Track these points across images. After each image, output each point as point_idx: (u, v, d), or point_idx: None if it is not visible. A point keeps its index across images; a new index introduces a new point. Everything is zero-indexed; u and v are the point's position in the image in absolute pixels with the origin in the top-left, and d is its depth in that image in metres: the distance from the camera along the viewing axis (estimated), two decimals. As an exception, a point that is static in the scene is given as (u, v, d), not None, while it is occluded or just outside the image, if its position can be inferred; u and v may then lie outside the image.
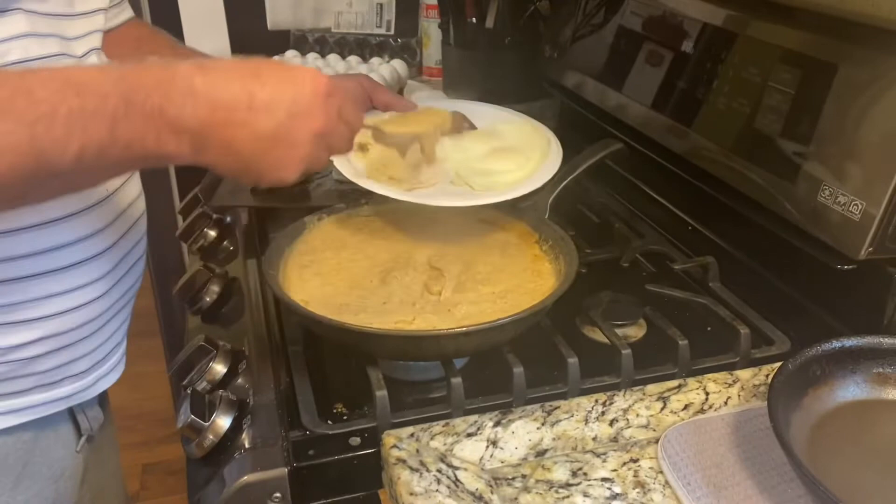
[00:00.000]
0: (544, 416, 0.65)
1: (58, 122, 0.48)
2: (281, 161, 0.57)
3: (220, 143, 0.54)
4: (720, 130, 0.90)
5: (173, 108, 0.51)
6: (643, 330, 0.81)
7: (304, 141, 0.57)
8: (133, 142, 0.51)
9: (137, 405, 2.13)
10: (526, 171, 0.87)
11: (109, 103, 0.49)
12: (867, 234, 0.70)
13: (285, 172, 0.58)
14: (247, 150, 0.55)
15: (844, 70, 0.75)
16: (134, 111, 0.50)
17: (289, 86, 0.56)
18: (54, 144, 0.48)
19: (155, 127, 0.51)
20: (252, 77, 0.55)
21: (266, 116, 0.54)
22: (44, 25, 0.65)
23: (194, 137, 0.53)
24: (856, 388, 0.63)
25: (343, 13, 1.58)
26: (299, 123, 0.56)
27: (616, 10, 1.15)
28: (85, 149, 0.49)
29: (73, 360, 0.72)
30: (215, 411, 0.69)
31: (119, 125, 0.50)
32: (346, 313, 0.72)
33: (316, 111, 0.57)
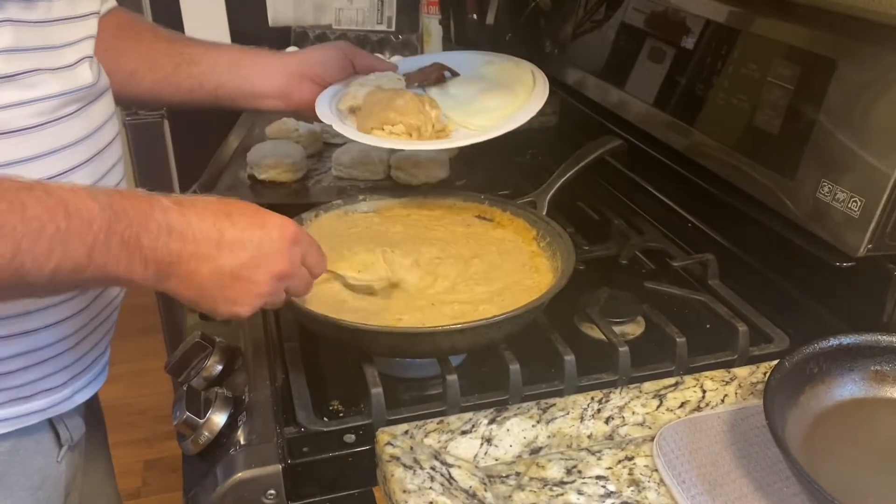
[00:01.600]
0: (539, 414, 0.65)
1: (43, 240, 0.51)
2: (238, 297, 0.61)
3: (184, 274, 0.58)
4: (720, 127, 0.90)
5: (149, 239, 0.56)
6: (641, 327, 0.80)
7: (263, 282, 0.61)
8: (106, 266, 0.54)
9: (140, 401, 2.14)
10: (517, 104, 0.88)
11: (93, 228, 0.53)
12: (866, 230, 0.70)
13: (240, 308, 0.61)
14: (206, 283, 0.59)
15: (844, 66, 0.74)
16: (113, 239, 0.54)
17: (257, 230, 0.60)
18: (34, 261, 0.51)
19: (128, 255, 0.55)
20: (224, 216, 0.59)
21: (230, 255, 0.59)
22: (32, 37, 0.64)
23: (161, 267, 0.57)
24: (853, 385, 0.62)
25: (344, 10, 1.58)
26: (261, 266, 0.60)
27: (617, 7, 1.14)
28: (61, 267, 0.52)
29: (50, 374, 0.71)
30: (211, 408, 0.69)
31: (97, 250, 0.53)
32: (343, 311, 0.72)
33: (279, 256, 0.61)
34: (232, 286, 0.60)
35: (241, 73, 0.89)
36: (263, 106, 0.92)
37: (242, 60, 0.90)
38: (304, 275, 0.66)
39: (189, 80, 0.88)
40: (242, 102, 0.91)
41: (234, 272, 0.59)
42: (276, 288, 0.63)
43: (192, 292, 0.59)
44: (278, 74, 0.90)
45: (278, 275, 0.62)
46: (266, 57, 0.92)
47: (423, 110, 0.84)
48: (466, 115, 0.87)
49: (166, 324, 1.89)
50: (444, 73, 0.94)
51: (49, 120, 0.66)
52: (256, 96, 0.90)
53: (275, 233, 0.61)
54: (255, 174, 1.09)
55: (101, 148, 0.72)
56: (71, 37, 0.69)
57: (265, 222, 0.61)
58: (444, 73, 0.94)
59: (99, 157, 0.72)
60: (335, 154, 1.12)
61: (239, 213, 0.60)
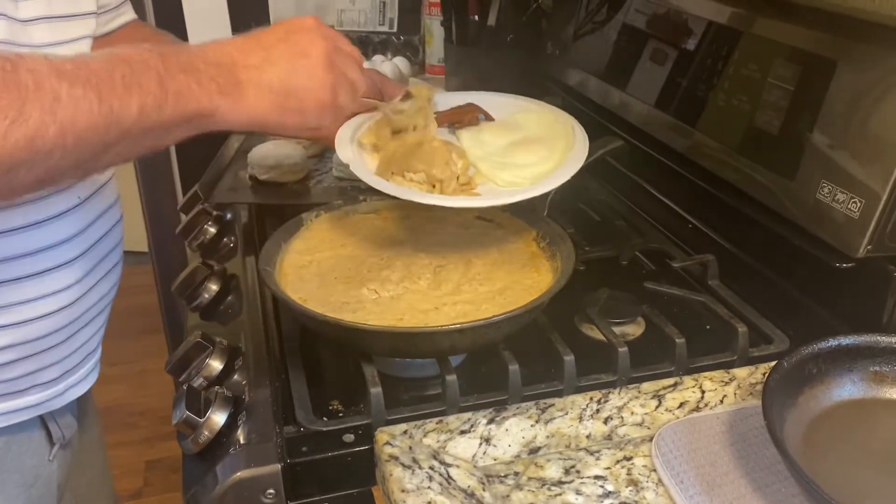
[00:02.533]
0: (538, 414, 0.65)
1: (117, 83, 0.54)
2: (308, 75, 0.63)
3: (257, 63, 0.62)
4: (721, 128, 0.90)
5: (204, 57, 0.60)
6: (641, 328, 0.80)
7: (313, 51, 0.64)
8: (181, 92, 0.57)
9: (141, 402, 2.14)
10: (551, 164, 0.81)
11: (151, 65, 0.56)
12: (866, 231, 0.70)
13: (321, 91, 0.64)
14: (268, 73, 0.62)
15: (844, 67, 0.74)
16: (172, 68, 0.57)
17: (280, 24, 0.65)
18: (120, 102, 0.54)
19: (195, 76, 0.58)
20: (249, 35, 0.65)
21: (270, 36, 0.64)
22: (26, 35, 0.64)
23: (227, 79, 0.60)
24: (852, 386, 0.62)
25: (346, 11, 1.58)
26: (299, 37, 0.64)
27: (619, 8, 1.14)
28: (144, 103, 0.55)
29: (43, 367, 0.72)
30: (211, 407, 0.69)
31: (165, 80, 0.56)
32: (344, 311, 0.72)
33: (314, 30, 0.65)
34: (292, 62, 0.63)
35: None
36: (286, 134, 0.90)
37: None
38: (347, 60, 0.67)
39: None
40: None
41: (283, 45, 0.63)
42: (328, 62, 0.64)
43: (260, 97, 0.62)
44: None
45: (321, 46, 0.64)
46: None
47: (450, 161, 0.78)
48: (495, 169, 0.80)
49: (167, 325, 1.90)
50: (479, 115, 0.87)
51: None
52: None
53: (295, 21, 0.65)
54: (256, 175, 1.09)
55: None
56: (69, 35, 0.70)
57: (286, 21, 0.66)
58: (478, 115, 0.87)
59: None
60: (336, 155, 1.12)
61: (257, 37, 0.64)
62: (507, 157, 0.82)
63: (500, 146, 0.84)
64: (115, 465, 0.96)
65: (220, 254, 1.03)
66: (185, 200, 1.17)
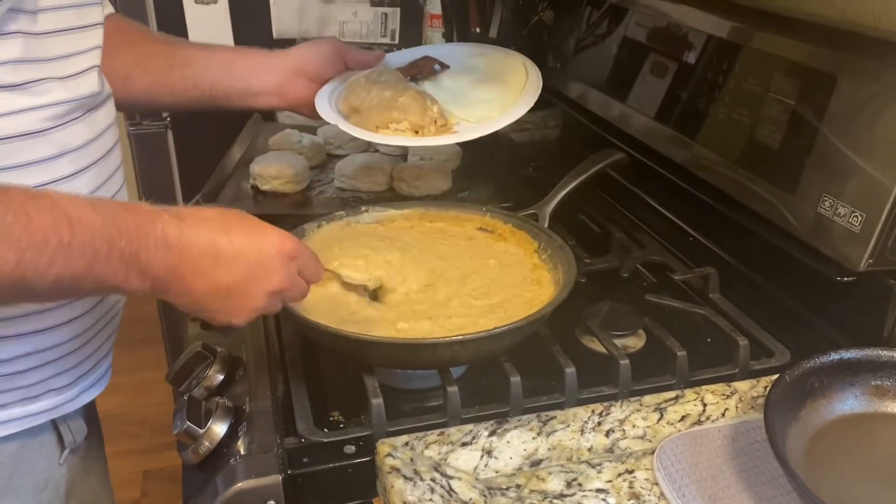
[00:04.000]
0: (540, 426, 0.65)
1: (46, 252, 0.52)
2: (233, 310, 0.62)
3: (180, 289, 0.59)
4: (722, 141, 0.90)
5: (147, 254, 0.57)
6: (642, 340, 0.80)
7: (258, 297, 0.62)
8: (105, 277, 0.55)
9: (140, 412, 2.14)
10: (513, 95, 0.89)
11: (95, 243, 0.54)
12: (867, 245, 0.70)
13: (236, 319, 0.63)
14: (202, 297, 0.60)
15: (844, 81, 0.74)
16: (114, 253, 0.55)
17: (254, 246, 0.61)
18: (36, 270, 0.52)
19: (126, 269, 0.56)
20: (222, 231, 0.60)
21: (226, 270, 0.60)
22: (40, 47, 0.65)
23: (157, 281, 0.58)
24: (854, 400, 0.62)
25: (348, 22, 1.59)
26: (257, 282, 0.62)
27: (619, 21, 1.15)
28: (61, 277, 0.53)
29: (57, 374, 0.72)
30: (211, 418, 0.69)
31: (97, 263, 0.54)
32: (346, 322, 0.72)
33: (275, 273, 0.62)
34: (227, 300, 0.61)
35: (235, 71, 0.90)
36: (259, 104, 0.93)
37: (236, 59, 0.92)
38: (301, 286, 0.66)
39: (183, 80, 0.89)
40: (237, 101, 0.92)
41: (229, 287, 0.60)
42: (272, 301, 0.64)
43: (188, 304, 0.61)
44: (271, 72, 0.91)
45: (273, 290, 0.63)
46: (259, 55, 0.93)
47: (426, 107, 0.85)
48: (465, 108, 0.88)
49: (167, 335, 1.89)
50: (435, 66, 0.95)
51: (56, 125, 0.67)
52: (251, 94, 0.91)
53: (272, 249, 0.62)
54: (258, 185, 1.09)
55: (103, 153, 0.74)
56: (79, 46, 0.70)
57: (263, 238, 0.62)
58: (434, 66, 0.95)
59: (102, 161, 0.73)
60: (338, 165, 1.13)
61: (238, 229, 0.61)
62: (471, 96, 0.90)
63: (463, 88, 0.92)
64: (114, 474, 0.96)
65: (222, 264, 1.03)
66: (186, 210, 1.17)
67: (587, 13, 1.23)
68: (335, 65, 0.93)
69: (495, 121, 0.86)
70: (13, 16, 0.62)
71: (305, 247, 0.67)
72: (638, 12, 1.11)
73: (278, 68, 0.91)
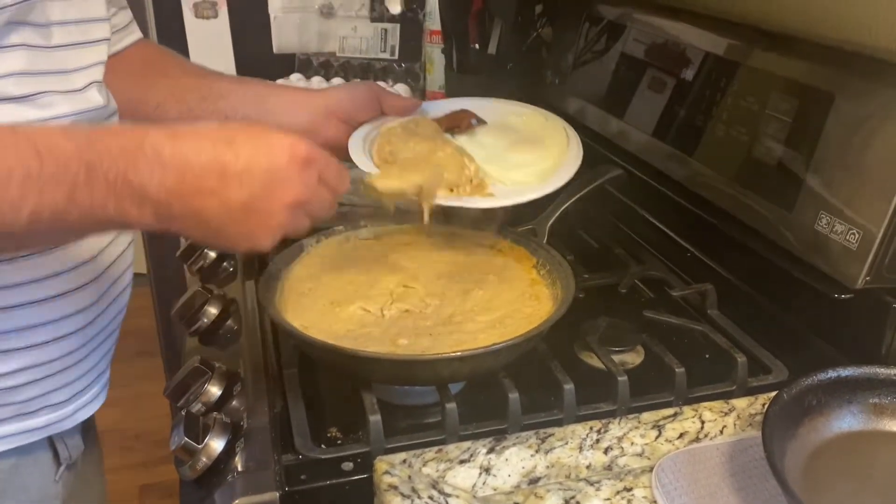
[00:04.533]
0: (538, 444, 0.65)
1: (13, 184, 0.48)
2: (254, 231, 0.57)
3: (189, 213, 0.53)
4: (719, 158, 0.91)
5: (138, 176, 0.51)
6: (640, 356, 0.80)
7: (279, 211, 0.57)
8: (93, 208, 0.51)
9: (137, 425, 2.13)
10: (551, 161, 0.85)
11: (70, 169, 0.49)
12: (864, 263, 0.70)
13: (259, 241, 0.58)
14: (216, 221, 0.54)
15: (841, 100, 0.75)
16: (96, 178, 0.50)
17: (263, 155, 0.55)
18: (8, 206, 0.48)
19: (116, 196, 0.51)
20: (225, 145, 0.54)
21: (238, 187, 0.54)
22: (43, 60, 0.65)
23: (159, 207, 0.52)
24: (852, 418, 0.62)
25: (348, 38, 1.60)
26: (274, 194, 0.56)
27: (617, 38, 1.16)
28: (39, 212, 0.49)
29: (54, 389, 0.72)
30: (209, 433, 0.69)
31: (79, 191, 0.49)
32: (344, 338, 0.72)
33: (292, 181, 0.57)
34: (245, 220, 0.55)
35: (268, 107, 0.88)
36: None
37: (269, 95, 0.89)
38: (323, 195, 0.61)
39: (216, 113, 0.87)
40: None
41: (244, 205, 0.54)
42: (294, 215, 0.58)
43: (201, 231, 0.55)
44: (305, 110, 0.88)
45: (293, 202, 0.57)
46: (293, 92, 0.92)
47: (464, 166, 0.81)
48: (502, 169, 0.84)
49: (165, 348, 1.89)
50: (472, 120, 0.91)
51: None
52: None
53: (283, 156, 0.56)
54: (257, 199, 1.09)
55: None
56: (82, 62, 0.70)
57: (271, 146, 0.56)
58: (472, 120, 0.91)
59: None
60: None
61: (242, 140, 0.55)
62: (508, 158, 0.86)
63: (500, 147, 0.88)
64: (110, 489, 0.96)
65: (220, 278, 1.03)
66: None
67: (585, 30, 1.24)
68: (371, 108, 0.90)
69: (533, 189, 0.81)
70: (17, 28, 0.62)
71: (321, 150, 0.60)
72: (636, 29, 1.12)
73: (312, 107, 0.89)
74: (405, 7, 1.54)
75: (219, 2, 1.60)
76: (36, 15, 0.64)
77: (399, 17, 1.57)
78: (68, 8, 0.68)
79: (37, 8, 0.63)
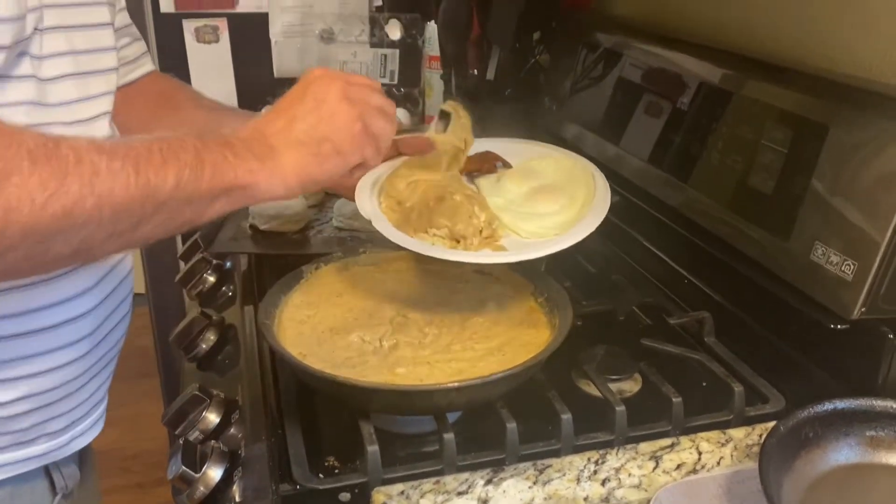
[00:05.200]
0: (536, 475, 0.65)
1: (154, 156, 0.55)
2: (331, 116, 0.64)
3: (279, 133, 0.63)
4: (715, 186, 0.91)
5: (233, 136, 0.62)
6: (638, 385, 0.81)
7: (328, 95, 0.65)
8: (217, 163, 0.59)
9: (134, 446, 2.12)
10: (573, 212, 0.79)
11: (188, 141, 0.58)
12: (860, 294, 0.70)
13: (350, 126, 0.65)
14: (302, 128, 0.64)
15: (836, 131, 0.76)
16: (208, 143, 0.59)
17: (295, 90, 0.66)
18: (156, 173, 0.55)
19: (231, 150, 0.60)
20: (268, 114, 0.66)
21: (291, 109, 0.65)
22: (52, 91, 0.66)
23: (261, 147, 0.62)
24: (849, 451, 0.62)
25: (348, 63, 1.61)
26: (313, 87, 0.65)
27: (614, 66, 1.17)
28: (181, 175, 0.56)
29: (51, 418, 0.72)
30: (207, 462, 0.69)
31: (201, 152, 0.58)
32: (342, 367, 0.72)
33: (331, 83, 0.65)
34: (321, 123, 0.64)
35: None
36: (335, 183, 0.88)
37: None
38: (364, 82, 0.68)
39: None
40: None
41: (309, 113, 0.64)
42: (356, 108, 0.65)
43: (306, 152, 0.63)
44: None
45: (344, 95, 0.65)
46: None
47: (473, 215, 0.76)
48: (517, 219, 0.79)
49: (163, 369, 1.89)
50: (497, 163, 0.86)
51: None
52: None
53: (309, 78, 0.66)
54: (256, 224, 1.10)
55: None
56: (90, 91, 0.71)
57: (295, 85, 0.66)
58: (497, 163, 0.87)
59: None
60: (336, 205, 1.14)
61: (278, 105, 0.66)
62: (527, 206, 0.81)
63: (521, 194, 0.82)
64: (107, 513, 0.95)
65: (219, 303, 1.04)
66: (185, 248, 1.18)
67: (583, 57, 1.25)
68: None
69: (546, 245, 0.75)
70: (27, 59, 0.63)
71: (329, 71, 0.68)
72: (632, 58, 1.13)
73: None
74: (405, 33, 1.56)
75: (220, 26, 1.62)
76: (46, 45, 0.64)
77: (399, 42, 1.59)
78: (76, 38, 0.69)
79: (46, 38, 0.64)
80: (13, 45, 0.59)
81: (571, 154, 0.89)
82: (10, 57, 0.60)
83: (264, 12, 1.64)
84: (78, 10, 0.69)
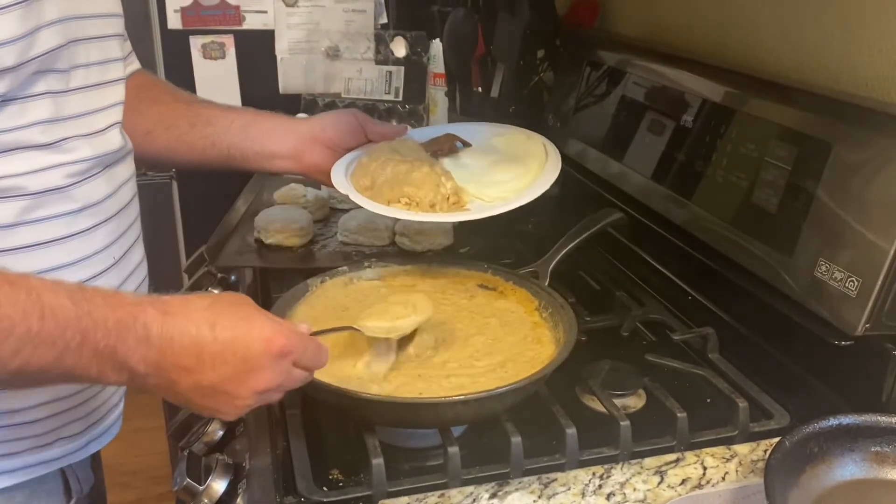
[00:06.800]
0: (541, 489, 0.65)
1: (10, 340, 0.51)
2: (220, 408, 0.60)
3: (163, 384, 0.57)
4: (719, 203, 0.92)
5: (125, 350, 0.55)
6: (643, 400, 0.80)
7: (247, 395, 0.60)
8: (75, 369, 0.54)
9: (134, 461, 2.10)
10: (529, 177, 0.91)
11: (66, 335, 0.53)
12: (864, 310, 0.71)
13: (224, 416, 0.62)
14: (186, 394, 0.58)
15: (838, 149, 0.76)
16: (87, 346, 0.54)
17: (241, 343, 0.58)
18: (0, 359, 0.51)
19: (99, 362, 0.55)
20: (208, 328, 0.57)
21: (211, 370, 0.57)
22: (68, 105, 0.67)
23: (135, 376, 0.56)
24: (854, 466, 0.62)
25: (353, 79, 1.62)
26: (243, 381, 0.59)
27: (617, 84, 1.18)
28: (26, 366, 0.52)
29: (69, 422, 0.73)
30: (211, 475, 0.69)
31: (67, 355, 0.53)
32: (348, 381, 0.72)
33: (264, 371, 0.59)
34: (213, 398, 0.59)
35: (253, 133, 0.92)
36: (274, 167, 0.94)
37: (256, 122, 0.93)
38: (297, 376, 0.63)
39: (203, 139, 0.90)
40: (254, 163, 0.93)
41: (214, 386, 0.58)
42: (262, 398, 0.61)
43: (171, 397, 0.59)
44: (290, 136, 0.93)
45: (262, 390, 0.60)
46: (278, 119, 0.95)
47: (439, 183, 0.87)
48: (480, 187, 0.90)
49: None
50: (456, 143, 0.97)
51: (78, 180, 0.68)
52: (267, 156, 0.93)
53: (259, 347, 0.58)
54: (262, 238, 1.11)
55: (121, 206, 0.75)
56: (102, 102, 0.72)
57: (250, 335, 0.58)
58: (456, 143, 0.97)
59: (121, 214, 0.75)
60: (341, 220, 1.14)
61: (224, 324, 0.58)
62: (489, 176, 0.92)
63: (482, 167, 0.94)
64: (108, 528, 0.95)
65: (223, 316, 1.04)
66: (189, 262, 1.18)
67: (587, 75, 1.27)
68: (355, 135, 0.94)
69: (508, 202, 0.87)
70: (42, 76, 0.64)
71: (300, 336, 0.62)
72: (636, 75, 1.14)
73: (296, 133, 0.93)
74: (410, 50, 1.57)
75: (226, 43, 1.64)
76: (62, 61, 0.65)
77: (403, 60, 1.61)
78: (90, 50, 0.70)
79: (64, 54, 0.65)
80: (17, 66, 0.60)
81: (523, 130, 1.01)
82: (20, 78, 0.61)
83: (271, 29, 1.66)
84: (94, 21, 0.70)
